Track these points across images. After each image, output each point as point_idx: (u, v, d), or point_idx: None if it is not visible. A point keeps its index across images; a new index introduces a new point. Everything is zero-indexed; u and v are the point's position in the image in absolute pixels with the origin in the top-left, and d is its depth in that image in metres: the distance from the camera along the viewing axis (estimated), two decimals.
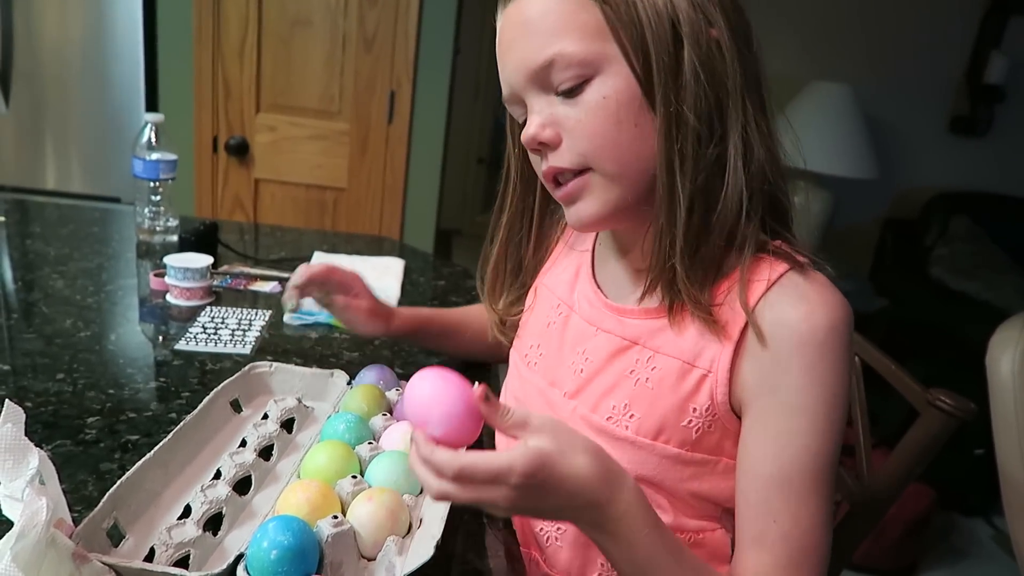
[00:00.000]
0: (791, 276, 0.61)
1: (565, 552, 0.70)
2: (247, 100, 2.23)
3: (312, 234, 1.67)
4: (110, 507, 0.58)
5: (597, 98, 0.59)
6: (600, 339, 0.69)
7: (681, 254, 0.60)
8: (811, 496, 0.58)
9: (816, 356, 0.58)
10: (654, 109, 0.59)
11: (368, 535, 0.57)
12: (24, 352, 0.89)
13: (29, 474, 0.50)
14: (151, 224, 1.32)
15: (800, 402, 0.58)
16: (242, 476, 0.67)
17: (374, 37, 2.18)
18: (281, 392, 0.83)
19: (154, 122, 1.29)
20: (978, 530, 2.34)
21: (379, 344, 1.05)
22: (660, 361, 0.64)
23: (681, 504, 0.66)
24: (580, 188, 0.63)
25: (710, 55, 0.58)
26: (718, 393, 0.61)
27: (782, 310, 0.59)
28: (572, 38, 0.58)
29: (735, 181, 0.59)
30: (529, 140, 0.63)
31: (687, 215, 0.59)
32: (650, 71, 0.58)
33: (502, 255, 0.81)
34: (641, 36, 0.58)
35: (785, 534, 0.58)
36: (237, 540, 0.61)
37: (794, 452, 0.58)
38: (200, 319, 1.04)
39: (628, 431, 0.65)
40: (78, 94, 2.16)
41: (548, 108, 0.62)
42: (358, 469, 0.66)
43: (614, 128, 0.59)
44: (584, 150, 0.61)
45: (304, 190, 2.34)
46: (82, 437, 0.73)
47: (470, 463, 0.49)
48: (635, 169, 0.61)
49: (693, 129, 0.58)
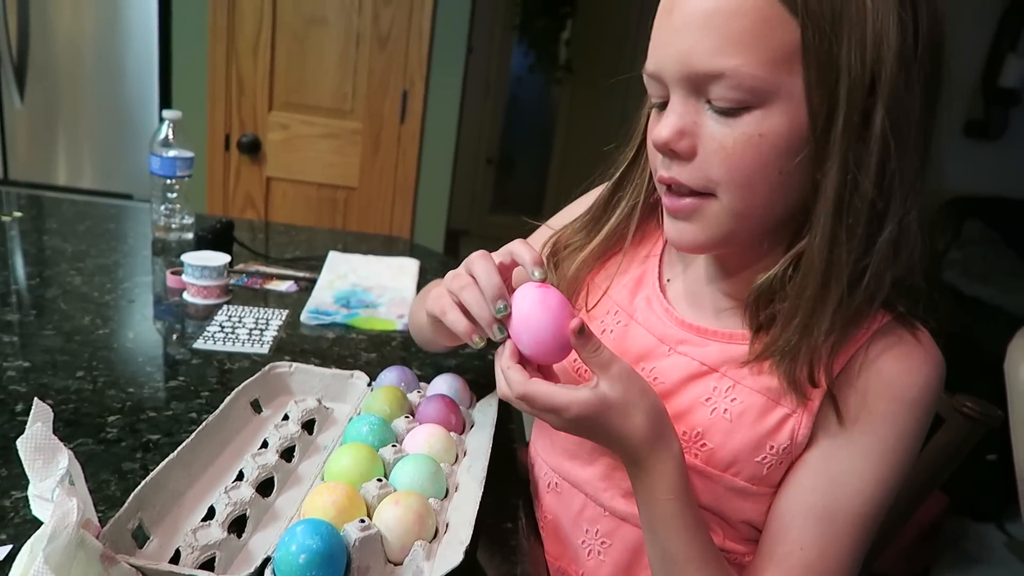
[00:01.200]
0: (893, 325, 0.58)
1: (607, 568, 0.67)
2: (260, 98, 2.23)
3: (325, 233, 1.66)
4: (135, 508, 0.58)
5: (751, 132, 0.51)
6: (674, 360, 0.64)
7: (816, 341, 0.55)
8: (847, 538, 0.58)
9: (903, 411, 0.57)
10: (817, 164, 0.52)
11: (395, 539, 0.57)
12: (43, 349, 0.89)
13: (59, 474, 0.49)
14: (167, 221, 1.32)
15: (873, 448, 0.57)
16: (265, 477, 0.66)
17: (388, 35, 2.18)
18: (301, 392, 0.83)
19: (172, 119, 1.29)
20: (990, 536, 2.33)
21: (396, 345, 1.04)
22: (741, 393, 0.60)
23: (732, 531, 0.64)
24: (694, 209, 0.56)
25: (899, 122, 0.50)
26: (799, 435, 0.59)
27: (881, 360, 0.57)
28: (755, 57, 0.50)
29: (883, 265, 0.54)
30: (661, 144, 0.55)
31: (844, 296, 0.53)
32: (831, 127, 0.50)
33: (600, 194, 0.72)
34: (835, 84, 0.50)
35: (808, 565, 0.58)
36: (261, 542, 0.60)
37: (848, 492, 0.58)
38: (217, 318, 1.04)
39: (697, 460, 0.61)
40: (92, 90, 2.16)
41: (691, 116, 0.54)
42: (383, 472, 0.65)
43: (758, 169, 0.52)
44: (716, 177, 0.54)
45: (316, 189, 2.33)
46: (104, 436, 0.73)
47: (533, 392, 0.54)
48: (763, 213, 0.55)
49: (868, 202, 0.51)
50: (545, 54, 4.97)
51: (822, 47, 0.49)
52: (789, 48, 0.50)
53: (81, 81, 2.15)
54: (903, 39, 0.50)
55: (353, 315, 1.10)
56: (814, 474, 0.59)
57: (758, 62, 0.50)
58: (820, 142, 0.51)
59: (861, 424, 0.57)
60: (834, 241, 0.52)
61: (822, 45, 0.49)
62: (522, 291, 0.58)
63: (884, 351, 0.57)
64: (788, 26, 0.49)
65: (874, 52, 0.49)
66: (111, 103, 2.18)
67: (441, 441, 0.69)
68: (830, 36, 0.49)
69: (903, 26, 0.50)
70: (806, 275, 0.54)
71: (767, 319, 0.59)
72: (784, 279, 0.57)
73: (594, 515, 0.68)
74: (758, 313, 0.59)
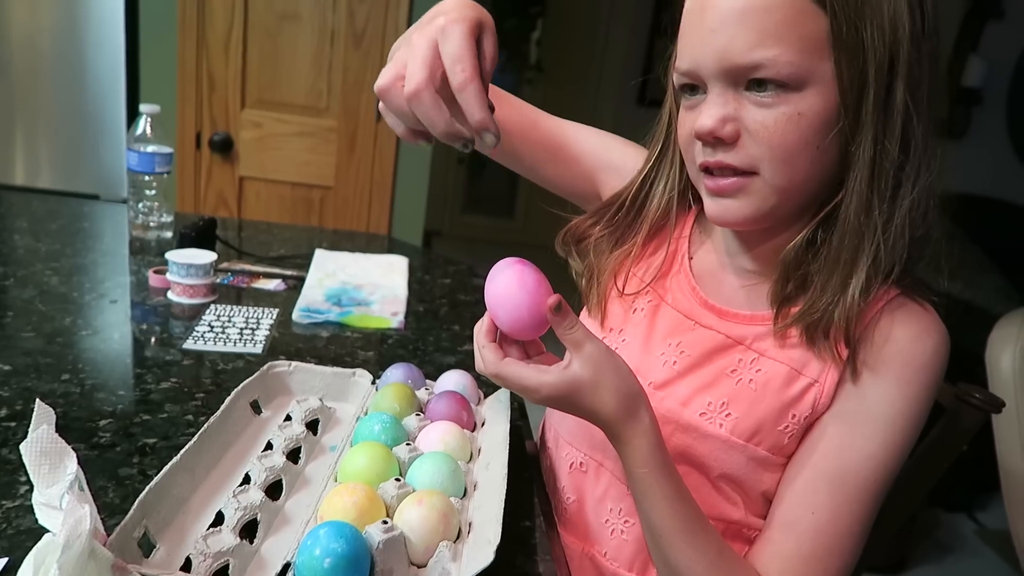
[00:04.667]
0: (901, 299, 0.62)
1: (630, 546, 0.69)
2: (232, 95, 2.18)
3: (307, 231, 1.63)
4: (140, 515, 0.55)
5: (791, 112, 0.55)
6: (699, 334, 0.67)
7: (852, 300, 0.58)
8: (857, 503, 0.60)
9: (913, 375, 0.60)
10: (852, 137, 0.56)
11: (419, 540, 0.54)
12: (25, 351, 0.85)
13: (68, 479, 0.47)
14: (145, 220, 1.27)
15: (884, 412, 0.60)
16: (273, 480, 0.63)
17: (364, 32, 2.14)
18: (301, 392, 0.80)
19: (149, 113, 1.24)
20: (962, 525, 2.38)
21: (392, 343, 1.02)
22: (765, 364, 0.64)
23: (753, 505, 0.65)
24: (738, 188, 0.59)
25: (915, 93, 0.56)
26: (821, 404, 0.62)
27: (892, 327, 0.60)
28: (790, 46, 0.54)
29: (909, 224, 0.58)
30: (706, 133, 0.58)
31: (880, 253, 0.57)
32: (861, 103, 0.55)
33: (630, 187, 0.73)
34: (863, 65, 0.54)
35: (818, 529, 0.60)
36: (275, 547, 0.58)
37: (860, 456, 0.60)
38: (205, 317, 1.00)
39: (722, 429, 0.63)
40: (51, 86, 2.08)
41: (733, 103, 0.57)
42: (398, 471, 0.63)
43: (799, 145, 0.56)
44: (761, 156, 0.57)
45: (290, 188, 2.28)
46: (96, 441, 0.69)
47: (505, 373, 0.58)
48: (802, 187, 0.59)
49: (897, 167, 0.56)
50: (516, 54, 4.96)
51: (849, 34, 0.54)
52: (819, 36, 0.54)
53: (39, 78, 2.06)
54: (913, 20, 0.55)
55: (346, 313, 1.07)
56: (827, 439, 0.61)
57: (795, 51, 0.54)
58: (853, 118, 0.56)
59: (873, 389, 0.60)
60: (869, 205, 0.57)
61: (849, 33, 0.54)
62: (499, 268, 0.60)
63: (895, 321, 0.61)
64: (817, 17, 0.54)
65: (892, 34, 0.54)
66: (73, 100, 2.10)
67: (456, 438, 0.67)
68: (855, 23, 0.54)
69: (912, 9, 0.55)
70: (842, 239, 0.58)
71: (794, 289, 0.62)
72: (808, 247, 0.61)
73: (619, 494, 0.69)
74: (785, 283, 0.62)
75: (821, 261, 0.60)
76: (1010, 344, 1.37)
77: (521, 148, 0.81)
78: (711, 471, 0.65)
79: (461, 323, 1.12)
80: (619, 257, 0.73)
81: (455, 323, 1.12)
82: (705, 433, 0.64)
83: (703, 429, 0.64)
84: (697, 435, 0.65)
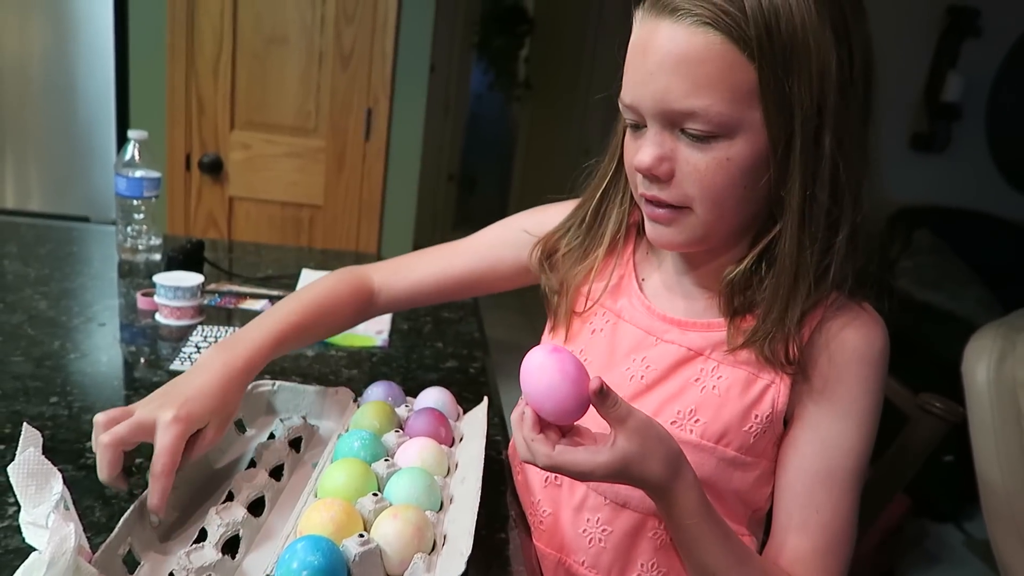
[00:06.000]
0: (842, 302, 0.66)
1: (608, 554, 0.72)
2: (221, 117, 2.21)
3: (294, 251, 1.65)
4: (125, 533, 0.57)
5: (721, 157, 0.59)
6: (662, 348, 0.71)
7: (790, 328, 0.63)
8: (849, 492, 0.66)
9: (869, 371, 0.66)
10: (783, 183, 0.60)
11: (395, 553, 0.56)
12: (14, 376, 0.87)
13: (54, 499, 0.48)
14: (133, 243, 1.30)
15: (852, 409, 0.66)
16: (255, 497, 0.65)
17: (351, 54, 2.18)
18: (284, 411, 0.82)
19: (137, 139, 1.27)
20: (949, 536, 2.40)
21: (377, 360, 1.04)
22: (725, 371, 0.68)
23: (721, 506, 0.69)
24: (671, 220, 0.64)
25: (843, 140, 0.59)
26: (779, 402, 0.67)
27: (843, 332, 0.66)
28: (722, 97, 0.57)
29: (845, 257, 0.63)
30: (644, 169, 0.62)
31: (812, 289, 0.62)
32: (789, 151, 0.58)
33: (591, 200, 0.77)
34: (790, 116, 0.57)
35: (825, 524, 0.65)
36: (255, 562, 0.60)
37: (840, 452, 0.66)
38: (192, 339, 1.02)
39: (692, 435, 0.68)
40: (42, 110, 2.10)
41: (668, 143, 0.61)
42: (376, 487, 0.65)
43: (728, 188, 0.60)
44: (692, 195, 0.61)
45: (280, 208, 2.31)
46: (83, 462, 0.71)
47: (560, 462, 0.57)
48: (731, 220, 0.64)
49: (825, 211, 0.60)
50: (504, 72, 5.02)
51: (777, 86, 0.57)
52: (749, 87, 0.57)
53: (29, 102, 2.09)
54: (840, 70, 0.58)
55: None
56: (809, 443, 0.66)
57: (726, 101, 0.57)
58: (781, 165, 0.59)
59: (838, 390, 0.66)
60: (800, 246, 0.61)
61: (777, 84, 0.56)
62: (536, 359, 0.58)
63: (843, 325, 0.66)
64: (747, 69, 0.56)
65: (819, 84, 0.57)
66: (63, 124, 2.12)
67: (433, 454, 0.69)
68: (782, 76, 0.56)
69: (839, 58, 0.58)
70: (779, 275, 0.63)
71: (741, 305, 0.67)
72: (751, 272, 0.65)
73: (596, 504, 0.72)
74: (732, 301, 0.67)
75: (763, 291, 0.64)
76: (984, 356, 1.40)
77: (447, 296, 0.89)
78: None
79: (444, 340, 1.14)
80: (582, 272, 0.76)
81: (438, 340, 1.14)
82: (678, 440, 0.66)
83: (675, 436, 0.66)
84: None
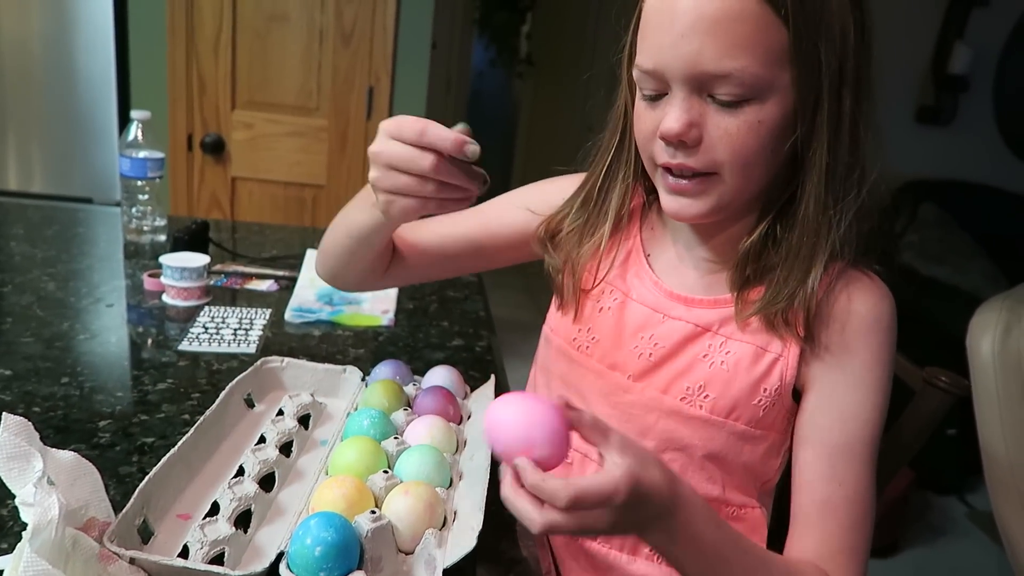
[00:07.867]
0: (849, 271, 0.66)
1: None
2: (223, 97, 2.20)
3: (299, 232, 1.65)
4: (140, 504, 0.58)
5: (752, 120, 0.59)
6: (669, 325, 0.71)
7: (812, 290, 0.63)
8: (867, 463, 0.65)
9: (879, 340, 0.66)
10: (808, 144, 0.60)
11: (406, 528, 0.57)
12: (25, 356, 0.87)
13: (35, 476, 0.51)
14: (138, 224, 1.30)
15: (865, 379, 0.65)
16: (266, 472, 0.66)
17: (352, 32, 2.16)
18: (293, 388, 0.83)
19: (140, 119, 1.26)
20: (952, 508, 2.42)
21: (383, 340, 1.04)
22: (733, 346, 0.68)
23: (731, 479, 0.70)
24: (700, 189, 0.63)
25: (859, 99, 0.60)
26: (787, 375, 0.66)
27: (851, 303, 0.65)
28: (756, 58, 0.56)
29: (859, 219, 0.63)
30: (672, 136, 0.60)
31: (835, 247, 0.63)
32: (816, 112, 0.59)
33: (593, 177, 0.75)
34: (818, 76, 0.58)
35: (849, 497, 0.64)
36: (267, 537, 0.60)
37: (858, 424, 0.65)
38: (200, 319, 1.03)
39: (702, 410, 0.68)
40: (43, 91, 2.10)
41: (697, 108, 0.59)
42: (387, 464, 0.66)
43: (758, 150, 0.60)
44: (722, 159, 0.60)
45: (282, 187, 2.31)
46: (96, 441, 0.72)
47: (584, 489, 0.47)
48: (757, 186, 0.64)
49: (848, 169, 0.61)
50: (506, 48, 4.97)
51: (808, 48, 0.57)
52: (781, 48, 0.57)
53: (31, 83, 2.08)
54: (857, 31, 0.59)
55: (338, 312, 1.09)
56: (825, 415, 0.66)
57: (761, 62, 0.57)
58: (808, 126, 0.60)
59: (852, 361, 0.65)
60: (824, 206, 0.62)
61: (808, 46, 0.57)
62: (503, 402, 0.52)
63: (851, 294, 0.66)
64: (780, 30, 0.56)
65: (842, 47, 0.59)
66: (65, 105, 2.12)
67: (442, 432, 0.70)
68: (813, 37, 0.57)
69: (856, 21, 0.59)
70: (801, 235, 0.63)
71: (752, 274, 0.66)
72: (767, 240, 0.65)
73: None
74: (744, 270, 0.67)
75: (782, 255, 0.64)
76: (990, 329, 1.39)
77: (449, 260, 0.87)
78: (696, 451, 0.69)
79: (450, 319, 1.15)
80: (588, 251, 0.74)
81: (444, 319, 1.14)
82: (688, 416, 0.68)
83: (685, 412, 0.68)
84: (680, 419, 0.69)
